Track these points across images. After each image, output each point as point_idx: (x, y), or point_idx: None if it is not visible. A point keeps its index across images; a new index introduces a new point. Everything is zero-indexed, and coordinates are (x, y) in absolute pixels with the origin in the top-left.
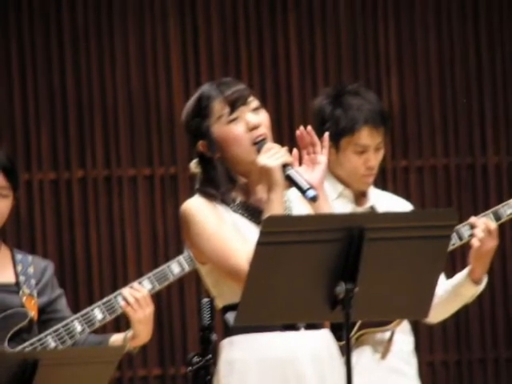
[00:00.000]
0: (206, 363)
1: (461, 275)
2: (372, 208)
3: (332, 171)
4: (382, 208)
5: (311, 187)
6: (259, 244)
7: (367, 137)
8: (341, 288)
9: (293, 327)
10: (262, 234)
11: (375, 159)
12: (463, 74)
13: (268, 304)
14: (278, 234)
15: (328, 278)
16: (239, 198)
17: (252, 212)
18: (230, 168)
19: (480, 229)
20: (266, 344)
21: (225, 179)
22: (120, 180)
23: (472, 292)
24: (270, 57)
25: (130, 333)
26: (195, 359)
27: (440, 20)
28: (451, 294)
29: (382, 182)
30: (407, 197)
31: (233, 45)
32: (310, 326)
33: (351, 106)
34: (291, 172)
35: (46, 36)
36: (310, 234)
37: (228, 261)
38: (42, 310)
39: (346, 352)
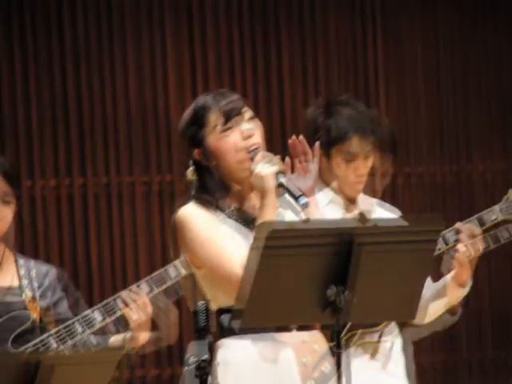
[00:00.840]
0: (201, 364)
1: (446, 278)
2: (361, 214)
3: (323, 179)
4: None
5: (303, 194)
6: (253, 249)
7: (357, 146)
8: (332, 291)
9: (285, 328)
10: (255, 239)
11: (364, 167)
12: (449, 84)
13: (262, 307)
14: (271, 239)
15: (320, 281)
16: (233, 205)
17: (246, 218)
18: (225, 175)
19: (465, 234)
20: (260, 345)
21: (219, 186)
22: (119, 187)
23: (457, 295)
24: (263, 68)
25: (128, 334)
26: (191, 360)
27: (426, 32)
28: (437, 296)
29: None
30: (395, 203)
31: (227, 57)
32: (302, 328)
33: (342, 116)
34: (284, 180)
35: (48, 48)
36: (302, 239)
37: (222, 265)
38: (43, 313)
39: (337, 352)
